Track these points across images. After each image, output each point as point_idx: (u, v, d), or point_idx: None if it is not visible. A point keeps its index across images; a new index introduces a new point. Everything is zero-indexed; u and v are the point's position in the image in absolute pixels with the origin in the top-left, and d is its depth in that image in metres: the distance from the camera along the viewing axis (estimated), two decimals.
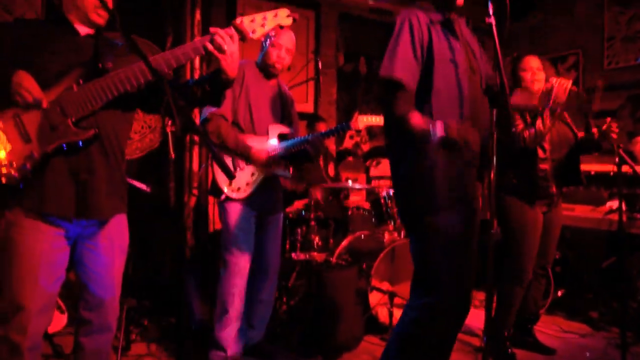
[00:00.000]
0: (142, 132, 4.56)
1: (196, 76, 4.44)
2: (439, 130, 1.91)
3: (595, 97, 2.87)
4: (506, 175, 3.05)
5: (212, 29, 1.80)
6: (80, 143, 1.79)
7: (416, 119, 1.97)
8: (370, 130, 5.83)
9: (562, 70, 5.99)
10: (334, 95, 5.80)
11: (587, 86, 5.78)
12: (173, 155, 3.58)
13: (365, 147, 5.83)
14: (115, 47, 1.94)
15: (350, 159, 5.53)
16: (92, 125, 1.81)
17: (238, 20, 1.82)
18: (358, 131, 3.15)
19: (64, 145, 1.77)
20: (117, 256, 2.01)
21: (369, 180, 5.53)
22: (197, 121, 3.09)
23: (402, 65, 2.00)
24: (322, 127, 4.61)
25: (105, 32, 1.96)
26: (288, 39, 2.94)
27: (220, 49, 1.79)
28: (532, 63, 3.11)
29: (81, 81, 1.78)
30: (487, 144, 2.19)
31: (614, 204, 3.99)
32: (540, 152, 3.03)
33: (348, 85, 5.97)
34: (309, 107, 5.54)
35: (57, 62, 1.80)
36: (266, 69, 2.97)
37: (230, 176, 1.47)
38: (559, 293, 4.31)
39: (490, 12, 1.76)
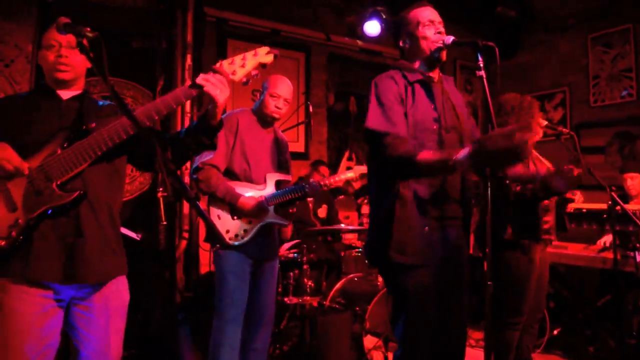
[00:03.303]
0: (132, 175, 4.52)
1: (187, 119, 4.43)
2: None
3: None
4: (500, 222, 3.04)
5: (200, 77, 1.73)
6: (67, 205, 1.74)
7: (425, 154, 1.89)
8: None
9: (550, 107, 6.08)
10: (324, 135, 5.83)
11: (574, 123, 5.87)
12: (165, 222, 3.53)
13: (357, 185, 5.82)
14: (100, 108, 1.91)
15: (342, 197, 5.52)
16: (77, 186, 1.77)
17: (217, 64, 1.78)
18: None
19: (50, 209, 1.73)
20: (113, 318, 1.90)
21: (360, 218, 5.50)
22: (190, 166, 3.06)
23: (390, 115, 2.01)
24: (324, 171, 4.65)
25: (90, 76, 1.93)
26: (286, 90, 2.93)
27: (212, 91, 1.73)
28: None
29: (65, 145, 1.76)
30: (468, 198, 2.21)
31: (606, 239, 3.99)
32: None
33: (338, 124, 6.00)
34: (299, 147, 5.56)
35: (41, 130, 1.78)
36: (263, 118, 2.94)
37: (222, 244, 1.42)
38: (555, 331, 4.27)
39: (481, 65, 1.76)
